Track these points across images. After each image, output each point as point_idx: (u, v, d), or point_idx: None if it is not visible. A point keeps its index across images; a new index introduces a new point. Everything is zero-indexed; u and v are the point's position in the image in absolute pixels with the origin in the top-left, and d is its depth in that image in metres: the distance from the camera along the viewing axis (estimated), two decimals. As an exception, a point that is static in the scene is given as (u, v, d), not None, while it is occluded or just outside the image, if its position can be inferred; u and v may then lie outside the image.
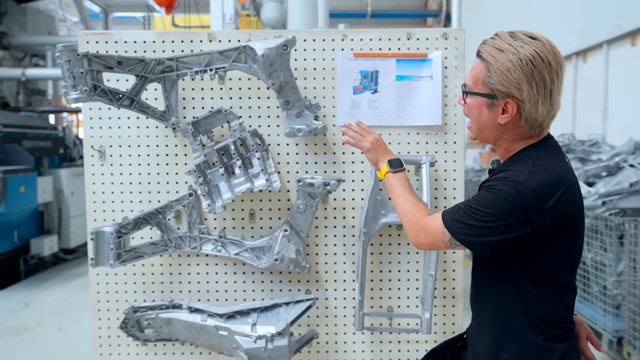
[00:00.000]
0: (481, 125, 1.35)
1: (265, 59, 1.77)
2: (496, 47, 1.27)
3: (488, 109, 1.31)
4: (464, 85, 1.38)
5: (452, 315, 2.06)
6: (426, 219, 1.38)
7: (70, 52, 1.68)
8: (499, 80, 1.26)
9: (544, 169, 1.25)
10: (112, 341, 2.07)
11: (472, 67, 1.36)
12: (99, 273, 2.04)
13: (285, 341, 1.83)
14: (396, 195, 1.53)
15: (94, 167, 2.01)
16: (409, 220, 1.43)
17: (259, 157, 1.87)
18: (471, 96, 1.35)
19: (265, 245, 1.95)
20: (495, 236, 1.25)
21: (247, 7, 11.26)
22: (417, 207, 1.45)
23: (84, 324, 4.46)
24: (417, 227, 1.39)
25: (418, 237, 1.38)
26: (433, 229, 1.34)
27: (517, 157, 1.33)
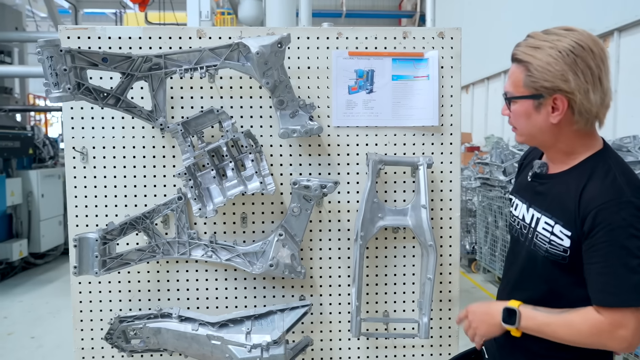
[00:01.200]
0: (532, 130, 1.29)
1: (260, 56, 1.70)
2: (531, 46, 1.23)
3: (536, 110, 1.26)
4: (504, 94, 1.33)
5: (449, 319, 2.03)
6: (607, 320, 1.17)
7: (53, 47, 1.58)
8: (542, 77, 1.22)
9: (635, 178, 1.21)
10: (95, 353, 1.96)
11: (509, 74, 1.32)
12: (81, 282, 1.93)
13: (282, 350, 1.76)
14: (549, 335, 1.27)
15: (76, 169, 1.90)
16: (594, 339, 1.20)
17: (252, 159, 1.79)
18: (515, 102, 1.29)
19: (259, 250, 1.87)
20: None
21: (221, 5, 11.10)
22: (579, 322, 1.22)
23: (58, 332, 4.30)
24: (609, 334, 1.18)
25: (622, 340, 1.17)
26: (629, 321, 1.16)
27: (586, 168, 1.25)
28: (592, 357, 1.27)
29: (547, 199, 1.31)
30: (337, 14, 17.56)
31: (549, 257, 1.28)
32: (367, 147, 1.96)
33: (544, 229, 1.28)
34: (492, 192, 5.47)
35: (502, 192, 5.21)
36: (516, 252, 1.40)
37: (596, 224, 1.17)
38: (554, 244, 1.26)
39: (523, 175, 1.49)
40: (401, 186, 1.97)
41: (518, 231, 1.41)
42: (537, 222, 1.32)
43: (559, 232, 1.25)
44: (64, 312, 4.82)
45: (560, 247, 1.25)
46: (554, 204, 1.29)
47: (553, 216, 1.27)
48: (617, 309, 1.16)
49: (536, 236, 1.31)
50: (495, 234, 5.48)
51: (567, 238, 1.23)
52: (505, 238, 5.19)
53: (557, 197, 1.28)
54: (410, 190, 1.97)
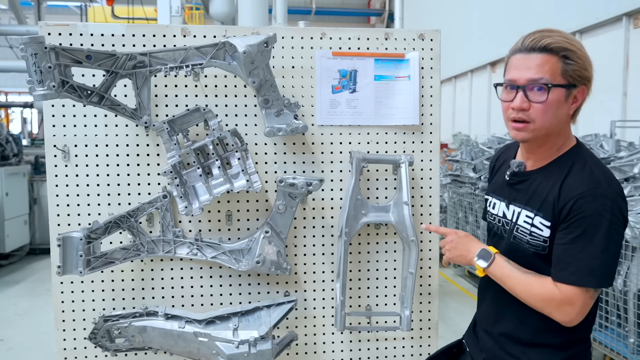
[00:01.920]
0: (554, 121, 1.31)
1: (247, 56, 1.71)
2: (565, 37, 1.27)
3: (565, 101, 1.31)
4: (534, 82, 1.29)
5: (428, 312, 2.10)
6: (560, 294, 1.27)
7: (37, 44, 1.55)
8: (583, 66, 1.27)
9: (609, 171, 1.30)
10: (77, 353, 1.94)
11: (537, 62, 1.29)
12: (63, 281, 1.91)
13: (269, 345, 1.79)
14: (508, 287, 1.37)
15: (57, 168, 1.88)
16: (543, 304, 1.30)
17: (239, 157, 1.81)
18: (554, 91, 1.28)
19: (245, 247, 1.90)
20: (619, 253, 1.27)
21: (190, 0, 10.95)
22: (536, 286, 1.31)
23: (29, 334, 4.20)
24: (557, 306, 1.28)
25: (566, 315, 1.27)
26: (577, 299, 1.25)
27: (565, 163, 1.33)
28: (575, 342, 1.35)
29: (527, 194, 1.38)
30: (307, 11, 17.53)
31: (530, 248, 1.35)
32: (350, 146, 2.00)
33: (525, 222, 1.36)
34: (462, 188, 5.62)
35: (472, 188, 5.35)
36: (498, 247, 1.47)
37: (572, 211, 1.25)
38: (534, 235, 1.34)
39: (498, 175, 1.56)
40: (383, 183, 2.03)
41: (499, 228, 1.48)
42: (517, 216, 1.39)
43: (539, 223, 1.33)
44: (33, 314, 4.70)
45: (541, 238, 1.33)
46: (534, 197, 1.36)
47: (533, 209, 1.35)
48: (570, 287, 1.25)
49: (517, 229, 1.39)
50: (465, 229, 5.63)
51: (546, 228, 1.31)
52: (475, 233, 5.34)
53: (538, 191, 1.35)
54: (392, 188, 2.03)
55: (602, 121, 5.89)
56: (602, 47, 6.87)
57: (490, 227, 1.56)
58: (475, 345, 1.56)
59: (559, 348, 1.35)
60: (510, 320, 1.41)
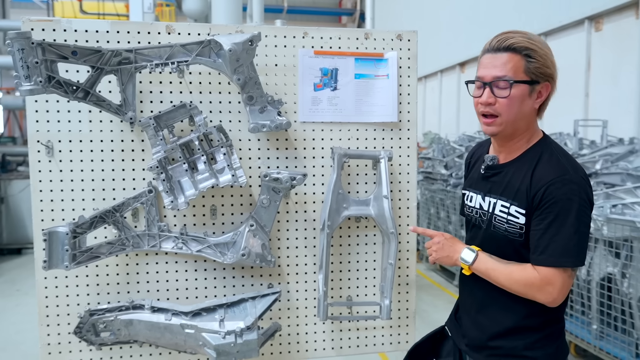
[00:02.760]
0: (519, 115, 1.42)
1: (232, 54, 1.76)
2: (527, 38, 1.37)
3: (529, 96, 1.40)
4: (498, 80, 1.40)
5: (407, 301, 2.19)
6: (540, 276, 1.36)
7: (24, 39, 1.56)
8: (544, 64, 1.37)
9: (573, 160, 1.40)
10: (62, 348, 1.95)
11: (502, 61, 1.40)
12: (47, 277, 1.91)
13: (255, 335, 1.84)
14: (492, 279, 1.46)
15: (41, 163, 1.88)
16: (526, 289, 1.39)
17: (224, 153, 1.85)
18: (516, 87, 1.39)
19: (230, 241, 1.94)
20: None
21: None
22: (517, 273, 1.40)
23: (2, 334, 4.12)
24: (539, 288, 1.36)
25: (549, 296, 1.36)
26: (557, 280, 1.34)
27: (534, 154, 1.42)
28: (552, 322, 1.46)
29: (502, 185, 1.48)
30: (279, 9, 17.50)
31: (507, 235, 1.45)
32: (331, 142, 2.07)
33: (501, 211, 1.46)
34: (434, 185, 5.77)
35: (443, 185, 5.51)
36: (476, 237, 1.57)
37: (544, 198, 1.36)
38: (511, 223, 1.43)
39: (474, 171, 1.65)
40: (363, 178, 2.10)
41: (477, 219, 1.58)
42: (494, 207, 1.49)
43: (515, 211, 1.42)
44: (4, 314, 4.61)
45: (517, 225, 1.43)
46: (508, 188, 1.46)
47: (508, 199, 1.44)
48: (548, 268, 1.35)
49: (494, 219, 1.48)
50: (437, 225, 5.79)
51: (522, 216, 1.41)
52: (447, 229, 5.49)
53: (511, 182, 1.45)
54: (371, 182, 2.11)
55: (565, 120, 6.14)
56: (566, 50, 7.15)
57: (468, 220, 1.65)
58: (457, 331, 1.65)
59: (536, 329, 1.45)
60: (492, 307, 1.51)
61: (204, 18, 6.97)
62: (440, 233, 1.61)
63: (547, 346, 1.45)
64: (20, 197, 6.81)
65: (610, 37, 6.47)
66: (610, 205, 3.23)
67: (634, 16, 6.08)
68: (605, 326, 3.31)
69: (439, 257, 1.58)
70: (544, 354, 1.44)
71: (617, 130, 5.79)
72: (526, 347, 1.45)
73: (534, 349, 1.44)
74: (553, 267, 1.35)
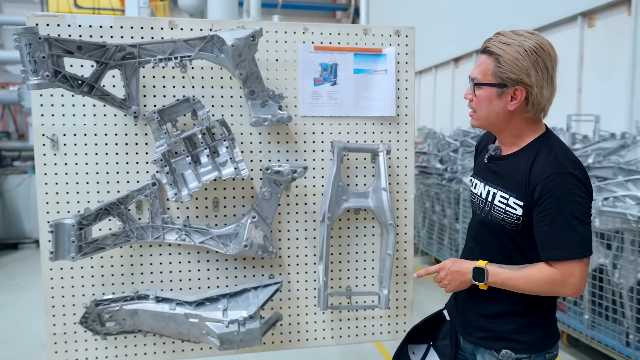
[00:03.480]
0: (490, 114, 1.49)
1: (235, 49, 1.80)
2: (502, 42, 1.42)
3: (498, 97, 1.46)
4: (471, 80, 1.51)
5: (404, 291, 2.24)
6: (559, 272, 1.40)
7: (31, 35, 1.59)
8: (510, 69, 1.41)
9: (572, 154, 1.45)
10: (67, 338, 1.99)
11: (477, 63, 1.50)
12: (52, 267, 1.95)
13: (257, 324, 1.89)
14: (512, 287, 1.49)
15: (46, 156, 1.91)
16: (549, 287, 1.43)
17: (227, 146, 1.89)
18: (481, 88, 1.48)
19: (232, 232, 1.98)
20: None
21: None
22: (536, 275, 1.44)
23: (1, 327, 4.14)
24: (561, 283, 1.41)
25: (572, 287, 1.40)
26: (575, 271, 1.39)
27: (532, 149, 1.47)
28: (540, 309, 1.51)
29: (502, 177, 1.53)
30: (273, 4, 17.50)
31: (504, 225, 1.50)
32: (331, 136, 2.11)
33: (500, 201, 1.51)
34: (429, 179, 5.83)
35: (439, 179, 5.57)
36: (478, 224, 1.62)
37: (543, 193, 1.40)
38: (509, 214, 1.48)
39: (480, 158, 1.70)
40: (362, 171, 2.15)
41: (479, 206, 1.63)
42: (493, 196, 1.54)
43: (513, 203, 1.47)
44: (4, 308, 4.64)
45: (514, 216, 1.47)
46: (507, 180, 1.51)
47: (507, 190, 1.49)
48: (565, 262, 1.39)
49: (493, 208, 1.53)
50: (432, 218, 5.85)
51: (520, 208, 1.46)
52: (442, 222, 5.56)
53: (510, 174, 1.50)
54: (370, 175, 2.16)
55: (558, 115, 6.22)
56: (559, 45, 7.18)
57: (472, 205, 1.71)
58: (455, 315, 1.71)
59: (524, 315, 1.50)
60: (483, 292, 1.56)
61: (199, 13, 6.97)
62: (441, 266, 1.62)
63: (535, 331, 1.51)
64: (17, 192, 6.81)
65: (603, 33, 6.54)
66: (602, 198, 3.30)
67: (626, 12, 6.15)
68: (596, 316, 3.39)
69: (454, 286, 1.59)
70: (531, 338, 1.50)
71: (609, 125, 5.88)
72: (514, 331, 1.51)
73: (522, 333, 1.51)
74: (569, 260, 1.39)
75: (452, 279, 1.57)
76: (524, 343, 1.50)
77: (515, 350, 1.49)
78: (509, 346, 1.50)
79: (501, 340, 1.52)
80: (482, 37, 1.59)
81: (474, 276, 1.52)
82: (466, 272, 1.55)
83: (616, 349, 3.22)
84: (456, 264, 1.58)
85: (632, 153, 4.13)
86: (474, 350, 1.61)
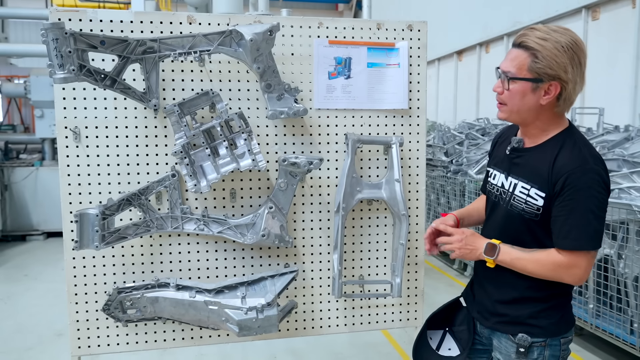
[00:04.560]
0: (522, 108, 1.51)
1: (253, 43, 1.84)
2: (539, 37, 1.44)
3: (532, 92, 1.48)
4: (504, 73, 1.51)
5: (415, 280, 2.30)
6: (566, 259, 1.46)
7: (58, 30, 1.64)
8: (548, 65, 1.44)
9: (594, 150, 1.49)
10: (90, 324, 2.05)
11: (511, 57, 1.50)
12: (75, 256, 2.00)
13: (275, 311, 1.94)
14: (519, 268, 1.54)
15: (68, 148, 1.96)
16: (554, 273, 1.49)
17: (245, 138, 1.94)
18: (515, 82, 1.49)
19: (249, 222, 2.04)
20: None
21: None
22: (544, 259, 1.49)
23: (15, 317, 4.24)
24: (566, 270, 1.47)
25: (575, 276, 1.47)
26: (581, 262, 1.45)
27: (557, 142, 1.51)
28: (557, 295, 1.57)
29: (525, 168, 1.58)
30: (276, -4, 17.46)
31: (524, 215, 1.55)
32: (345, 128, 2.16)
33: (521, 192, 1.55)
34: (434, 171, 5.88)
35: (444, 171, 5.62)
36: (495, 213, 1.67)
37: (565, 186, 1.45)
38: (529, 204, 1.53)
39: (499, 150, 1.74)
40: (375, 163, 2.20)
41: (497, 197, 1.67)
42: (514, 187, 1.58)
43: (534, 194, 1.52)
44: (16, 299, 4.70)
45: (535, 207, 1.53)
46: (530, 171, 1.55)
47: (529, 181, 1.54)
48: (574, 252, 1.45)
49: (514, 198, 1.58)
50: (437, 210, 5.91)
51: (541, 199, 1.51)
52: (447, 214, 5.60)
53: (533, 166, 1.55)
54: (383, 167, 2.20)
55: (563, 108, 6.24)
56: (563, 38, 7.21)
57: (489, 195, 1.75)
58: (471, 300, 1.77)
59: (541, 300, 1.56)
60: (500, 278, 1.61)
61: (204, 7, 6.97)
62: (461, 230, 1.65)
63: (551, 316, 1.56)
64: (24, 185, 6.86)
65: (607, 26, 6.55)
66: (607, 190, 3.35)
67: (630, 5, 6.16)
68: (601, 305, 3.45)
69: (462, 253, 1.62)
70: (548, 323, 1.55)
71: (613, 118, 5.90)
72: (531, 315, 1.56)
73: (538, 318, 1.56)
74: (577, 250, 1.45)
75: (464, 247, 1.61)
76: (540, 327, 1.55)
77: (532, 334, 1.55)
78: (526, 330, 1.56)
79: (517, 325, 1.57)
80: (486, 30, 1.63)
81: (485, 250, 1.58)
82: (479, 246, 1.60)
83: (620, 337, 3.28)
84: (474, 236, 1.63)
85: (636, 145, 4.16)
86: (491, 335, 1.67)
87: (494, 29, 8.89)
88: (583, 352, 3.67)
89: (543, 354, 1.55)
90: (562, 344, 1.56)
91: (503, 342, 1.61)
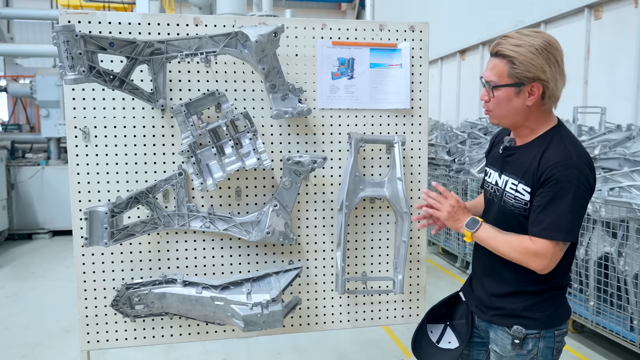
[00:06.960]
0: (510, 111, 1.58)
1: (258, 45, 1.88)
2: (513, 44, 1.51)
3: (516, 96, 1.55)
4: (488, 83, 1.58)
5: (417, 277, 2.34)
6: (534, 246, 1.51)
7: (69, 32, 1.69)
8: (526, 69, 1.50)
9: (581, 147, 1.54)
10: (99, 320, 2.10)
11: (490, 66, 1.58)
12: (84, 253, 2.05)
13: (279, 306, 1.99)
14: (492, 246, 1.61)
15: (78, 147, 2.01)
16: (521, 257, 1.54)
17: (250, 138, 1.99)
18: (499, 89, 1.56)
19: (255, 220, 2.08)
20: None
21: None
22: (515, 242, 1.56)
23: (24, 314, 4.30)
24: (532, 256, 1.52)
25: (540, 264, 1.52)
26: (548, 251, 1.50)
27: (545, 139, 1.56)
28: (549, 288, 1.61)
29: (514, 165, 1.63)
30: (279, -4, 17.50)
31: (514, 210, 1.60)
32: (348, 127, 2.20)
33: (511, 188, 1.61)
34: (437, 170, 5.91)
35: (446, 170, 5.65)
36: (490, 210, 1.73)
37: (547, 178, 1.51)
38: (517, 199, 1.59)
39: (494, 150, 1.80)
40: (378, 162, 2.24)
41: (492, 194, 1.73)
42: (506, 183, 1.64)
43: (522, 189, 1.58)
44: (24, 296, 4.76)
45: (522, 201, 1.58)
46: (519, 168, 1.61)
47: (517, 177, 1.60)
48: (542, 240, 1.51)
49: (505, 195, 1.63)
50: (439, 209, 5.93)
51: (527, 193, 1.57)
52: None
53: (522, 163, 1.60)
54: (385, 165, 2.24)
55: (565, 107, 6.26)
56: (565, 38, 7.24)
57: (485, 193, 1.81)
58: (469, 294, 1.82)
59: (535, 294, 1.60)
60: (496, 272, 1.67)
61: (208, 7, 7.03)
62: (456, 198, 1.71)
63: (545, 309, 1.61)
64: (30, 184, 6.93)
65: (610, 25, 6.57)
66: (608, 188, 3.38)
67: (632, 5, 6.18)
68: (601, 302, 3.48)
69: (447, 219, 1.69)
70: (541, 315, 1.60)
71: (615, 117, 5.93)
72: (525, 308, 1.61)
73: (532, 311, 1.61)
74: (547, 239, 1.51)
75: (452, 214, 1.67)
76: (534, 320, 1.60)
77: (526, 326, 1.60)
78: (520, 322, 1.60)
79: (513, 317, 1.62)
80: (488, 29, 1.68)
81: (467, 223, 1.65)
82: (463, 218, 1.67)
83: (621, 334, 3.31)
84: (464, 210, 1.69)
85: (638, 144, 4.19)
86: (488, 328, 1.71)
87: (497, 28, 8.90)
88: (584, 349, 3.70)
89: (537, 346, 1.60)
90: (557, 335, 1.61)
91: (499, 335, 1.65)
